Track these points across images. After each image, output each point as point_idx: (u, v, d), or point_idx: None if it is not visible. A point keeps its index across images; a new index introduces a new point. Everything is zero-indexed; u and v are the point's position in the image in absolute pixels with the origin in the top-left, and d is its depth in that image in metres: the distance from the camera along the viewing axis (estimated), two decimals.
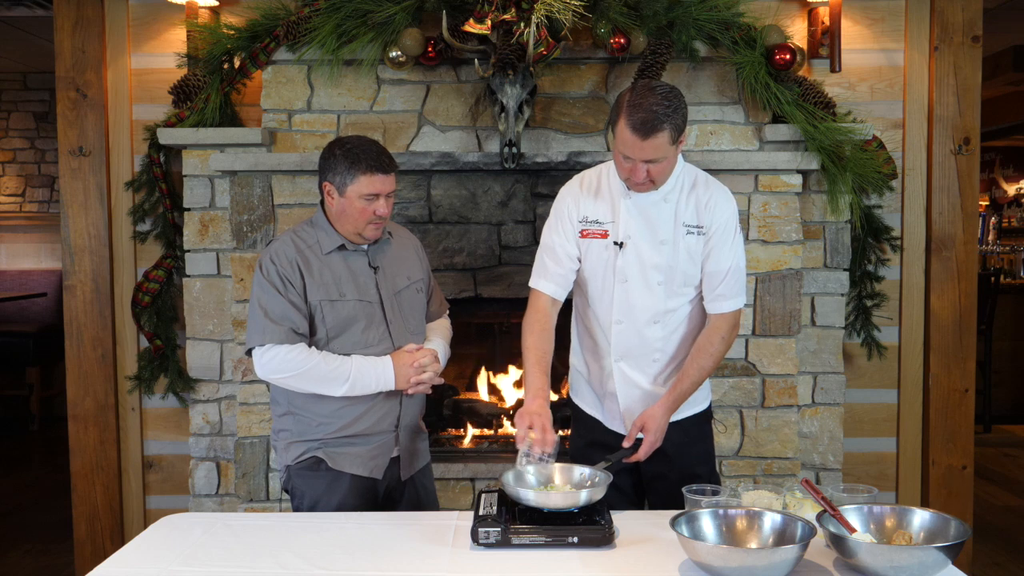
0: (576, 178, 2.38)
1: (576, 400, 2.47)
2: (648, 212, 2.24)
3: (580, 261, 2.33)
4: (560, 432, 3.50)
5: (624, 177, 2.19)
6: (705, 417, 2.43)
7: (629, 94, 2.10)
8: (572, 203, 2.31)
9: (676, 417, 2.32)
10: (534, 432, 2.12)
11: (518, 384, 3.73)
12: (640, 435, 2.22)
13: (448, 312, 2.61)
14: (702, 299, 2.32)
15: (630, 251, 2.24)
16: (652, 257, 2.24)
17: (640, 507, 2.43)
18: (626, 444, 2.23)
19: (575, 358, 2.45)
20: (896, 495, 3.54)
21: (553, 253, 2.32)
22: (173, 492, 3.55)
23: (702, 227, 2.25)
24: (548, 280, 2.32)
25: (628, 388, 2.32)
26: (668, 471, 2.31)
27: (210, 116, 3.22)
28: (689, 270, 2.26)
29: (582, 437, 2.45)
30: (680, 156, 2.24)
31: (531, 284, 2.37)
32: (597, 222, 2.28)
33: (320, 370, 2.20)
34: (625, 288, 2.26)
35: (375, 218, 2.26)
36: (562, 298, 2.35)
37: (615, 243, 2.25)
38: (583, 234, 2.29)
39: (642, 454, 2.19)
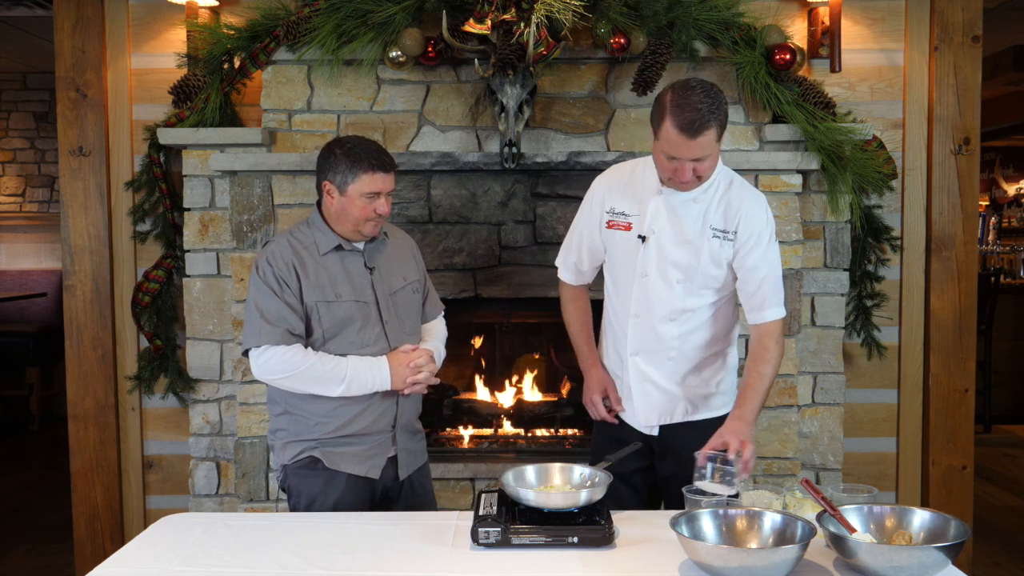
0: (611, 169, 2.42)
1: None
2: (677, 210, 2.25)
3: (604, 251, 2.38)
4: (561, 431, 3.53)
5: (667, 177, 2.18)
6: (722, 422, 2.40)
7: (671, 95, 2.09)
8: (601, 194, 2.36)
9: (695, 418, 2.33)
10: (605, 401, 2.39)
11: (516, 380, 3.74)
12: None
13: (443, 313, 2.61)
14: (733, 302, 2.34)
15: (652, 246, 2.25)
16: (673, 254, 2.25)
17: (656, 507, 2.45)
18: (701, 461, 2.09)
19: (602, 350, 2.47)
20: (896, 495, 3.54)
21: (572, 242, 2.45)
22: (173, 492, 3.55)
23: (728, 232, 2.23)
24: (565, 267, 2.50)
25: (642, 383, 2.32)
26: (681, 472, 2.30)
27: (210, 116, 3.22)
28: (711, 271, 2.25)
29: (603, 432, 2.46)
30: (720, 156, 2.24)
31: (557, 263, 2.53)
32: (623, 214, 2.30)
33: (316, 370, 2.21)
34: (644, 282, 2.27)
35: (375, 216, 2.27)
36: (579, 283, 2.50)
37: (638, 236, 2.27)
38: (609, 225, 2.32)
39: (745, 471, 2.10)
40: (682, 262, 2.25)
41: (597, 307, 2.51)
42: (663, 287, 2.26)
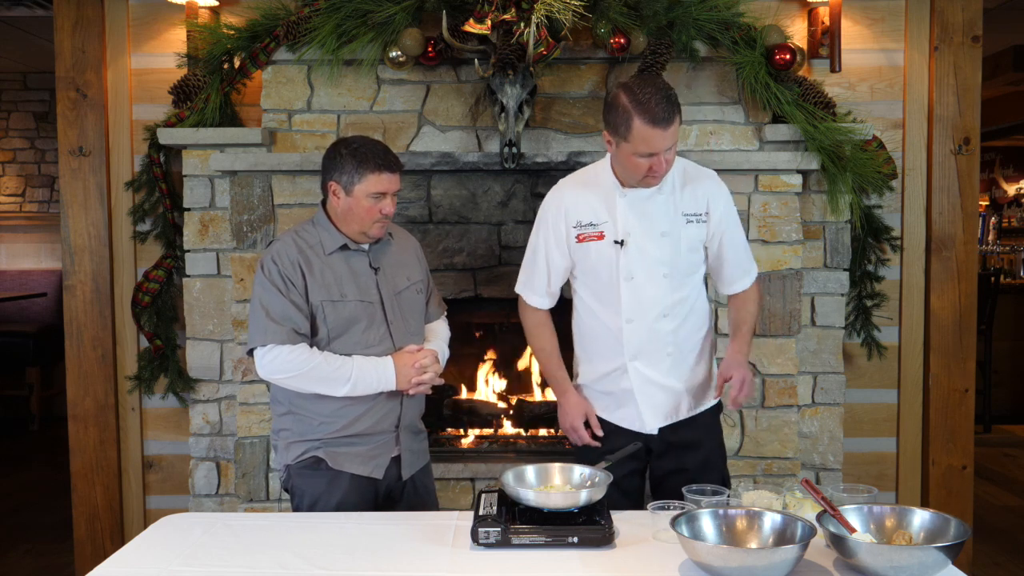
0: (561, 184, 2.38)
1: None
2: (645, 207, 2.26)
3: (572, 268, 2.35)
4: (561, 431, 3.52)
5: (641, 176, 2.18)
6: (715, 412, 2.44)
7: (626, 96, 2.11)
8: (561, 210, 2.32)
9: (688, 414, 2.35)
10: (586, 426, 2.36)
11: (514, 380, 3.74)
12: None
13: (446, 313, 2.61)
14: (703, 281, 2.38)
15: (632, 248, 2.25)
16: (655, 251, 2.25)
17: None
18: (718, 395, 2.37)
19: (582, 364, 2.43)
20: (896, 495, 3.54)
21: (538, 266, 2.38)
22: (173, 492, 3.55)
23: (701, 215, 2.29)
24: (534, 293, 2.43)
25: (645, 385, 2.31)
26: (680, 468, 2.31)
27: (210, 116, 3.22)
28: (691, 258, 2.30)
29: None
30: None
31: (519, 292, 2.45)
32: (591, 224, 2.29)
33: (322, 370, 2.20)
34: (632, 285, 2.27)
35: (381, 217, 2.27)
36: (549, 306, 2.45)
37: (615, 242, 2.26)
38: (579, 239, 2.30)
39: (741, 399, 2.27)
40: (665, 256, 2.26)
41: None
42: (651, 286, 2.27)
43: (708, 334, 2.41)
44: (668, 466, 2.35)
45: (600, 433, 2.36)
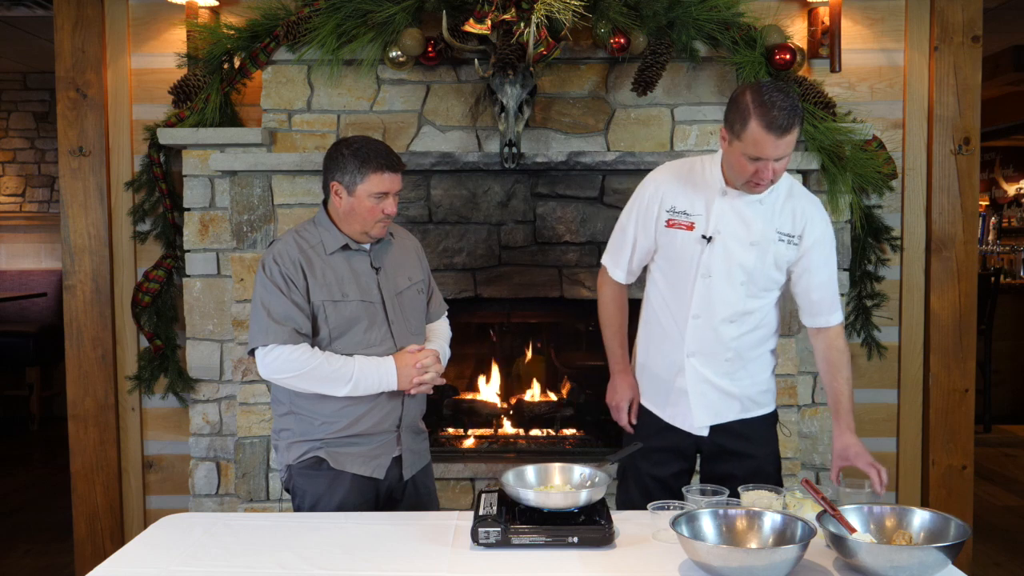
0: (665, 167, 2.38)
1: (642, 400, 2.45)
2: (743, 212, 2.24)
3: (655, 252, 2.35)
4: (561, 431, 3.53)
5: (745, 180, 2.17)
6: (772, 419, 2.42)
7: (751, 96, 2.09)
8: (658, 192, 2.32)
9: (744, 416, 2.34)
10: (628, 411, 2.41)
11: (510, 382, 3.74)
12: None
13: (447, 313, 2.61)
14: (778, 301, 2.36)
15: (718, 247, 2.24)
16: (739, 256, 2.24)
17: None
18: (835, 481, 2.24)
19: (642, 352, 2.44)
20: (896, 495, 3.54)
21: (626, 240, 2.39)
22: (173, 492, 3.56)
23: (794, 236, 2.26)
24: (616, 266, 2.43)
25: (699, 383, 2.31)
26: (731, 474, 2.29)
27: (210, 116, 3.22)
28: (772, 274, 2.28)
29: (642, 437, 2.40)
30: None
31: (604, 262, 2.47)
32: (685, 213, 2.28)
33: (323, 370, 2.20)
34: (707, 283, 2.26)
35: (383, 217, 2.26)
36: (629, 282, 2.45)
37: (703, 237, 2.25)
38: (669, 224, 2.29)
39: (880, 488, 2.16)
40: (748, 264, 2.25)
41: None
42: (727, 288, 2.26)
43: (771, 348, 2.39)
44: (723, 470, 2.33)
45: (635, 421, 2.41)
